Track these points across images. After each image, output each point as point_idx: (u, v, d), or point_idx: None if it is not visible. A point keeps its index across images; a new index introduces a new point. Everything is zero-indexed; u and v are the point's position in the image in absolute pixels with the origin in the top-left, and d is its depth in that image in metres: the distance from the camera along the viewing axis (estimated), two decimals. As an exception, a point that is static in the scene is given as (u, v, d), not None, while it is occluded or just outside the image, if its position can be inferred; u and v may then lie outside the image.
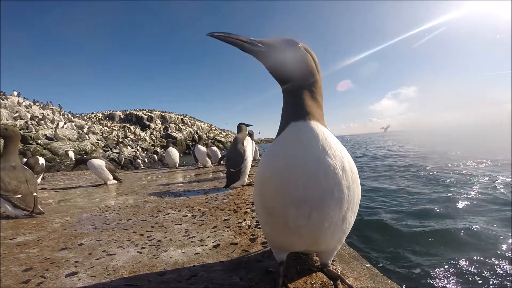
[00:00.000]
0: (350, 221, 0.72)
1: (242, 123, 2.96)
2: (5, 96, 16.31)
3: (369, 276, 1.05)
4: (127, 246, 1.23)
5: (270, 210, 0.73)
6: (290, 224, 0.68)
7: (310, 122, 0.71)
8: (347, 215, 0.70)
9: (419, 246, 2.70)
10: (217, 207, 1.86)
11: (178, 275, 0.91)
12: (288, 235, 0.73)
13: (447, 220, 3.27)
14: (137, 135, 29.07)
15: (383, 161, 10.10)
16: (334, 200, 0.66)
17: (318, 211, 0.66)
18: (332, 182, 0.65)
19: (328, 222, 0.67)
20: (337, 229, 0.70)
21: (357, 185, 0.72)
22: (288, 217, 0.68)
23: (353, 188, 0.69)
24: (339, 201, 0.66)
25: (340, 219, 0.69)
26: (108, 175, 3.62)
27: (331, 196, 0.65)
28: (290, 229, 0.70)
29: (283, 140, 0.72)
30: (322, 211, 0.66)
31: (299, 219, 0.67)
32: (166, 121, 39.00)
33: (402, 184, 5.63)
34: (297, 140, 0.69)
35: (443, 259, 2.40)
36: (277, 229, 0.75)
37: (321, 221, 0.67)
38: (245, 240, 1.20)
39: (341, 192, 0.66)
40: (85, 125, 18.68)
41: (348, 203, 0.68)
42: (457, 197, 4.17)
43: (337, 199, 0.66)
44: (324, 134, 0.70)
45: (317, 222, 0.67)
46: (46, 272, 0.99)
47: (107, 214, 1.91)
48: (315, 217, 0.66)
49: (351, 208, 0.70)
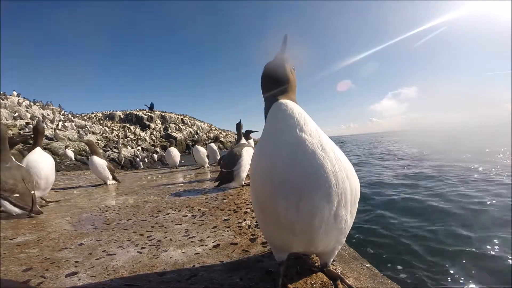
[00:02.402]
0: (345, 220, 0.70)
1: (239, 122, 3.04)
2: (5, 96, 16.30)
3: (369, 276, 1.05)
4: (127, 246, 1.23)
5: (262, 205, 0.74)
6: (281, 219, 0.68)
7: (284, 100, 0.77)
8: (339, 212, 0.67)
9: (419, 245, 2.69)
10: (217, 207, 1.86)
11: (178, 275, 0.91)
12: (282, 232, 0.72)
13: (448, 220, 3.26)
14: (137, 135, 29.07)
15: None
16: (320, 187, 0.64)
17: (305, 200, 0.64)
18: (313, 163, 0.65)
19: (319, 218, 0.66)
20: (330, 227, 0.68)
21: (348, 177, 0.68)
22: (278, 211, 0.68)
23: (342, 178, 0.67)
24: (326, 189, 0.65)
25: (331, 216, 0.67)
26: (108, 175, 3.62)
27: (316, 179, 0.64)
28: (282, 225, 0.69)
29: (267, 124, 0.77)
30: (308, 200, 0.64)
31: (288, 212, 0.66)
32: (166, 121, 38.99)
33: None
34: (275, 121, 0.74)
35: (444, 259, 2.40)
36: (270, 225, 0.75)
37: (310, 214, 0.65)
38: (245, 240, 1.20)
39: (326, 178, 0.64)
40: (85, 125, 18.68)
41: (337, 196, 0.66)
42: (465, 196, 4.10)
43: (322, 186, 0.64)
44: (298, 110, 0.74)
45: (306, 215, 0.65)
46: (46, 272, 0.99)
47: (107, 214, 1.91)
48: (304, 208, 0.65)
49: (343, 205, 0.67)
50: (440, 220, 3.25)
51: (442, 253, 2.48)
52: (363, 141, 32.07)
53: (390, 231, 3.07)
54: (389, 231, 3.07)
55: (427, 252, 2.52)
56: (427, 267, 2.28)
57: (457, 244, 2.61)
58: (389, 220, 3.43)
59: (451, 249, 2.53)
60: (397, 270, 2.27)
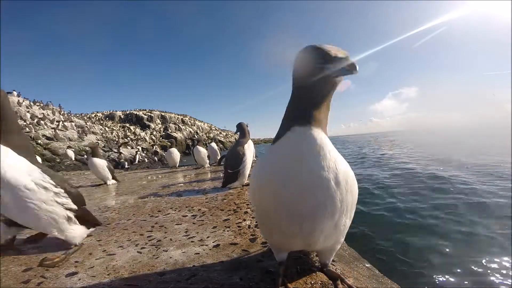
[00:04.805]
0: (344, 225, 0.73)
1: (241, 123, 2.89)
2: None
3: (369, 276, 1.05)
4: (127, 246, 1.23)
5: (265, 214, 0.75)
6: (283, 229, 0.71)
7: (311, 128, 0.68)
8: (340, 222, 0.70)
9: (420, 245, 2.69)
10: (217, 207, 1.86)
11: (178, 275, 0.91)
12: (282, 238, 0.75)
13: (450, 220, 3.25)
14: (137, 135, 29.08)
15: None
16: (326, 214, 0.67)
17: (310, 223, 0.67)
18: (325, 197, 0.66)
19: (320, 231, 0.69)
20: (330, 233, 0.71)
21: (351, 193, 0.70)
22: (281, 224, 0.71)
23: (346, 199, 0.68)
24: (331, 214, 0.67)
25: (332, 226, 0.70)
26: (108, 175, 3.62)
27: (324, 210, 0.66)
28: (284, 234, 0.73)
29: (281, 146, 0.71)
30: (313, 223, 0.67)
31: (291, 227, 0.69)
32: (166, 121, 39.00)
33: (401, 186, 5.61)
34: (294, 148, 0.67)
35: (445, 259, 2.40)
36: (272, 231, 0.78)
37: (313, 230, 0.68)
38: (245, 240, 1.20)
39: (334, 206, 0.66)
40: (85, 125, 18.69)
41: (340, 213, 0.68)
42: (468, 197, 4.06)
43: (329, 213, 0.67)
44: (321, 142, 0.68)
45: (309, 231, 0.69)
46: (46, 272, 0.99)
47: (107, 214, 1.91)
48: (307, 227, 0.68)
49: (343, 216, 0.70)
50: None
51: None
52: (354, 142, 32.12)
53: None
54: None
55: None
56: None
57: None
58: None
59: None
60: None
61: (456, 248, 2.56)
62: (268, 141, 69.69)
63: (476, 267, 2.24)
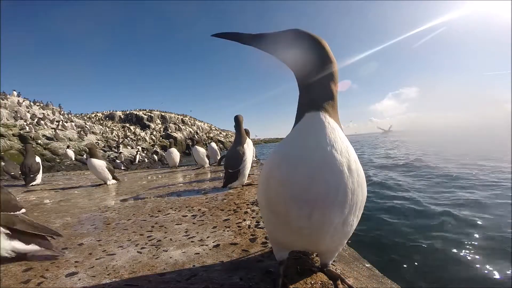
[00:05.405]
0: (352, 225, 0.71)
1: (238, 116, 2.73)
2: (5, 96, 16.31)
3: (369, 276, 1.05)
4: (127, 246, 1.23)
5: (273, 207, 0.72)
6: (291, 223, 0.68)
7: (322, 113, 0.70)
8: (349, 219, 0.68)
9: (420, 245, 2.69)
10: (217, 207, 1.86)
11: (178, 275, 0.91)
12: (289, 234, 0.73)
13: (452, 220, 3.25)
14: (137, 135, 29.07)
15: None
16: (337, 202, 0.64)
17: (320, 212, 0.64)
18: (337, 182, 0.64)
19: (328, 225, 0.66)
20: (337, 231, 0.69)
21: (362, 189, 0.69)
22: (289, 216, 0.67)
23: (357, 193, 0.67)
24: (341, 204, 0.65)
25: (340, 223, 0.67)
26: (108, 175, 3.62)
27: (335, 197, 0.64)
28: (291, 229, 0.69)
29: (293, 132, 0.73)
30: (323, 212, 0.64)
31: (300, 219, 0.66)
32: (166, 121, 39.02)
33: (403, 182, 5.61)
34: (307, 131, 0.69)
35: (445, 259, 2.40)
36: (279, 227, 0.74)
37: (322, 223, 0.66)
38: (245, 240, 1.20)
39: (345, 195, 0.64)
40: (85, 125, 18.69)
41: (350, 207, 0.66)
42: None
43: (339, 202, 0.64)
44: (333, 125, 0.69)
45: (318, 223, 0.66)
46: (46, 272, 0.99)
47: (107, 214, 1.91)
48: (316, 219, 0.65)
49: (353, 213, 0.68)
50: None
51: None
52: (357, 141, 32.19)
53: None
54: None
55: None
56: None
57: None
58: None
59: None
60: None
61: (456, 248, 2.56)
62: (269, 141, 69.67)
63: (476, 267, 2.25)
